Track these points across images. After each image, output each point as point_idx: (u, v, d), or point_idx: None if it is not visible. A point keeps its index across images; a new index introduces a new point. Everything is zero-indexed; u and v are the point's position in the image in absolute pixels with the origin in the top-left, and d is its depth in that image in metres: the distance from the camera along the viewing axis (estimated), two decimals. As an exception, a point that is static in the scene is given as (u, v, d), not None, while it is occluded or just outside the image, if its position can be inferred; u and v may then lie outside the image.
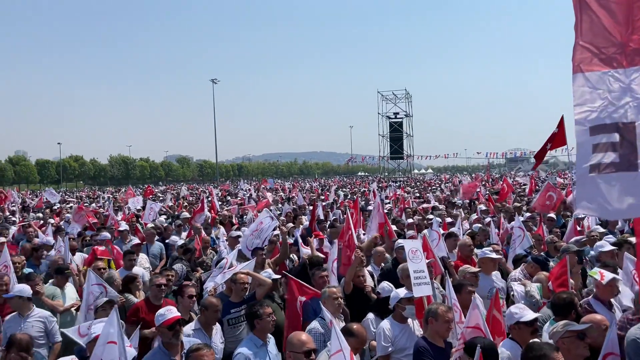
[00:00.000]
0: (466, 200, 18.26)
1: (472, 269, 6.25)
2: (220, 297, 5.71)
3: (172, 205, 20.55)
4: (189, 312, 5.57)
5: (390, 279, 6.18)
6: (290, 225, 11.45)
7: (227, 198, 26.37)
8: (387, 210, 12.70)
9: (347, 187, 39.63)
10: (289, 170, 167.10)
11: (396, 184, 42.81)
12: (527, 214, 12.09)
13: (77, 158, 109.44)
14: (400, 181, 50.05)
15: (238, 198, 25.22)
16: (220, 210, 16.34)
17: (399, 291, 5.05)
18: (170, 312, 4.32)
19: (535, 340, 3.97)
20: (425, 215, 12.93)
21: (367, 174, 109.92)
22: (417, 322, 5.04)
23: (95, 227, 12.54)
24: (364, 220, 11.25)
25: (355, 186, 42.27)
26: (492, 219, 11.70)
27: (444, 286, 5.68)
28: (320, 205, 14.26)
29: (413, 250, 5.27)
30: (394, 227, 9.81)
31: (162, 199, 27.29)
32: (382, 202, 13.46)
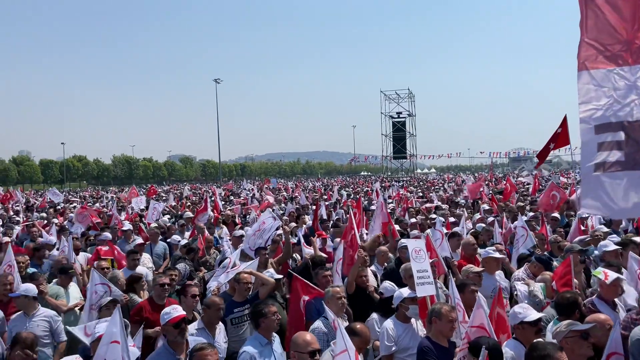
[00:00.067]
0: (471, 200, 18.22)
1: (476, 268, 6.23)
2: (224, 296, 5.72)
3: (175, 205, 20.58)
4: (192, 312, 5.56)
5: (393, 278, 6.16)
6: (293, 224, 11.46)
7: (230, 198, 26.39)
8: (390, 210, 12.67)
9: (350, 187, 39.57)
10: (292, 170, 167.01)
11: (399, 183, 42.79)
12: (530, 214, 12.06)
13: (80, 158, 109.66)
14: (403, 181, 50.00)
15: (241, 198, 25.25)
16: (223, 210, 16.36)
17: (403, 291, 5.04)
18: (175, 311, 4.36)
19: (539, 340, 3.96)
20: (428, 215, 12.91)
21: (370, 173, 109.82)
22: (420, 322, 5.03)
23: (98, 227, 12.57)
24: (367, 220, 11.24)
25: (358, 186, 42.19)
26: (495, 218, 11.67)
27: (447, 286, 5.67)
28: (323, 205, 14.27)
29: (416, 249, 5.26)
30: (397, 227, 9.79)
31: (165, 198, 27.33)
32: (385, 202, 13.45)
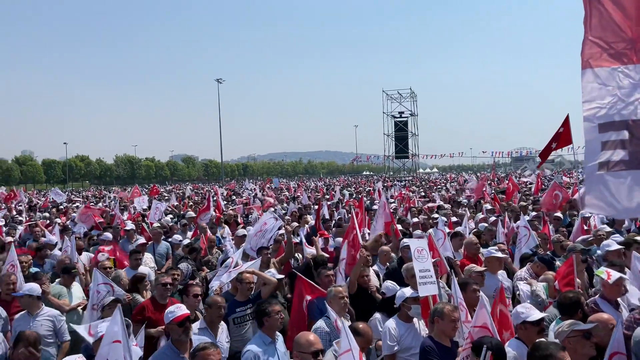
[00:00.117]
0: (476, 200, 18.14)
1: (478, 268, 6.23)
2: (226, 296, 5.73)
3: (177, 205, 20.61)
4: (194, 312, 5.58)
5: (395, 278, 6.16)
6: (295, 224, 11.45)
7: (233, 197, 26.41)
8: (392, 210, 12.66)
9: (352, 187, 39.54)
10: (294, 169, 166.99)
11: (401, 183, 42.73)
12: (532, 213, 12.02)
13: (83, 158, 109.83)
14: (405, 180, 49.93)
15: (243, 197, 25.25)
16: (225, 209, 16.37)
17: (405, 290, 5.03)
18: (180, 310, 4.38)
19: (541, 339, 3.95)
20: (431, 215, 12.90)
21: (372, 173, 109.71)
22: (423, 322, 5.02)
23: (101, 226, 12.60)
24: (369, 220, 11.23)
25: (360, 185, 42.18)
26: (497, 218, 11.63)
27: (450, 285, 5.66)
28: (326, 205, 14.26)
29: (419, 249, 5.25)
30: (399, 227, 9.78)
31: (167, 198, 27.35)
32: (388, 202, 13.43)
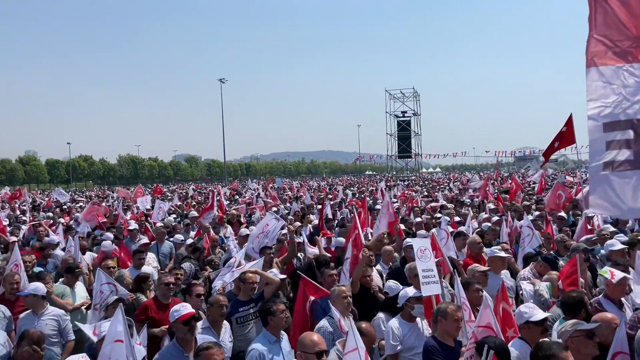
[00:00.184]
0: (481, 199, 18.08)
1: (482, 267, 6.22)
2: (229, 295, 5.73)
3: (180, 205, 20.64)
4: (197, 311, 5.59)
5: (398, 277, 6.16)
6: (298, 224, 11.45)
7: (235, 197, 26.42)
8: (395, 210, 12.63)
9: (354, 186, 39.49)
10: (297, 169, 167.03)
11: (404, 182, 42.66)
12: (536, 213, 11.99)
13: (86, 158, 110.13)
14: (408, 180, 49.85)
15: (246, 197, 25.26)
16: (228, 209, 16.38)
17: (408, 290, 5.03)
18: (185, 308, 4.39)
19: (544, 339, 3.94)
20: (434, 214, 12.86)
21: (375, 172, 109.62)
22: (426, 321, 5.02)
23: (104, 226, 12.63)
24: (372, 219, 11.22)
25: (363, 185, 42.12)
26: (501, 217, 11.61)
27: (453, 285, 5.65)
28: (329, 205, 14.25)
29: (422, 249, 5.24)
30: (402, 226, 9.77)
31: (170, 198, 27.39)
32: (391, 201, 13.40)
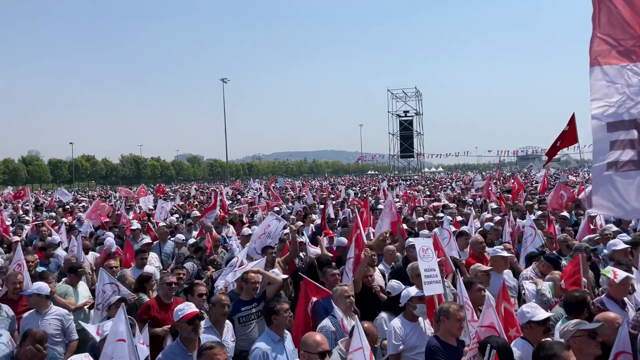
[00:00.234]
0: (484, 199, 18.06)
1: (484, 267, 6.21)
2: (231, 295, 5.75)
3: (182, 204, 20.67)
4: (200, 311, 5.60)
5: (401, 277, 6.16)
6: (300, 223, 11.46)
7: (238, 197, 26.44)
8: (397, 209, 12.62)
9: (357, 186, 39.45)
10: (299, 169, 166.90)
11: (406, 182, 42.62)
12: (538, 212, 11.97)
13: (89, 158, 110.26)
14: (410, 180, 49.80)
15: (248, 197, 25.27)
16: (230, 209, 16.40)
17: (410, 290, 5.03)
18: (189, 307, 4.41)
19: (546, 339, 3.94)
20: (436, 214, 12.86)
21: (377, 172, 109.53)
22: (428, 321, 5.02)
23: (107, 226, 12.66)
24: (375, 219, 11.22)
25: (366, 185, 42.08)
26: (503, 217, 11.59)
27: (455, 285, 5.65)
28: (331, 204, 14.25)
29: (424, 248, 5.25)
30: (404, 226, 9.77)
31: (172, 197, 27.43)
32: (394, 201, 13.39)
